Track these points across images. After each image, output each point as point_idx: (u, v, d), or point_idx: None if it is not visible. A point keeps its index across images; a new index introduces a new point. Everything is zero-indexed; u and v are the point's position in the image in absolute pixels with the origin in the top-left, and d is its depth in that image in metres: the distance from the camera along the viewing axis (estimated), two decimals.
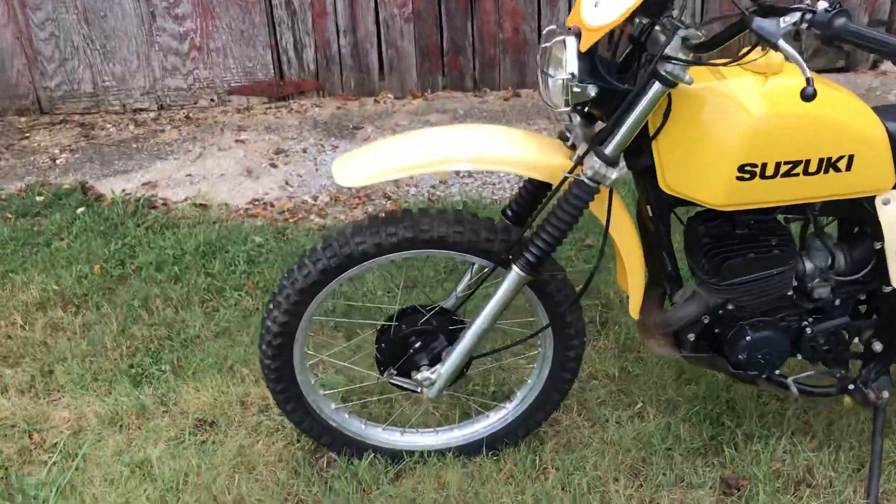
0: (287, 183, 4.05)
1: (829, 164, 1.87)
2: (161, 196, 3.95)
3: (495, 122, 4.37)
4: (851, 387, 2.21)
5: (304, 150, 4.35)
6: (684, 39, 1.74)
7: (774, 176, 1.86)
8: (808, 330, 2.17)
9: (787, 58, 1.53)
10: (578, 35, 1.80)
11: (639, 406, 2.50)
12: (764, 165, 1.84)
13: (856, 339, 2.20)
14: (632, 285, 2.08)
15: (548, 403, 2.29)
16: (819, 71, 4.83)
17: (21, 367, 2.75)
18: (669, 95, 1.82)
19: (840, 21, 1.52)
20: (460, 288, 2.23)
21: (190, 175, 4.13)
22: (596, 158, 1.86)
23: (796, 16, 1.56)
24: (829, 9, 1.53)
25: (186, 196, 3.92)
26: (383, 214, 2.01)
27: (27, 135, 4.61)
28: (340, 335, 2.82)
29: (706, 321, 2.15)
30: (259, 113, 4.75)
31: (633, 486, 2.25)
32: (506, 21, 4.72)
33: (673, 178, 1.91)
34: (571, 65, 1.78)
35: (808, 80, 1.50)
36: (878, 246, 2.04)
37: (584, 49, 1.77)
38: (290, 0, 4.60)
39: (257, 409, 2.53)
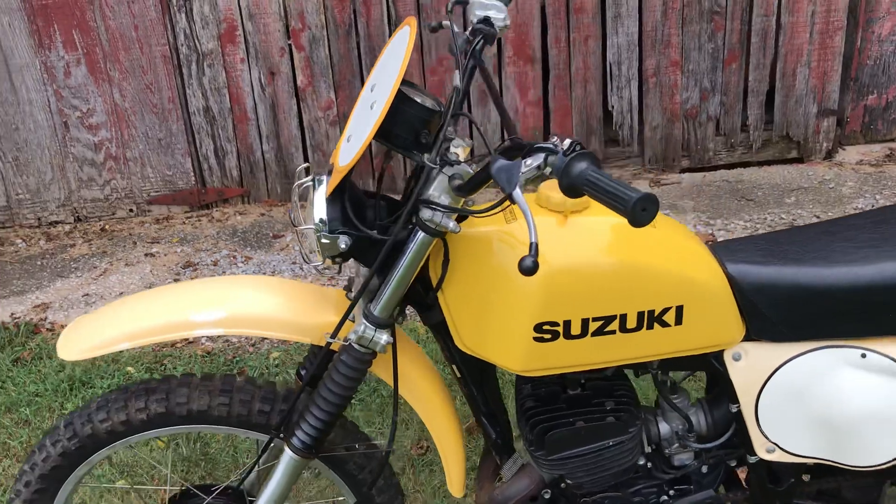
0: None
1: (652, 319, 1.54)
2: (50, 320, 3.68)
3: None
4: None
5: (215, 263, 4.08)
6: (451, 179, 1.44)
7: (583, 335, 1.53)
8: None
9: (523, 212, 1.22)
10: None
11: None
12: (567, 323, 1.52)
13: None
14: (445, 457, 1.74)
15: None
16: (768, 162, 4.53)
17: None
18: (446, 242, 1.52)
19: (578, 167, 1.21)
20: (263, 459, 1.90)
21: (87, 294, 3.86)
22: (362, 320, 1.55)
23: (539, 157, 1.26)
24: (567, 151, 1.22)
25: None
26: (141, 382, 1.70)
27: None
28: None
29: (547, 496, 1.80)
30: (179, 223, 4.51)
31: None
32: None
33: (467, 336, 1.59)
34: (319, 211, 1.48)
35: (531, 245, 1.19)
36: (734, 409, 1.69)
37: (328, 193, 1.48)
38: (208, 107, 4.41)
39: None
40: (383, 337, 1.54)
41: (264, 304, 1.62)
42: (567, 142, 1.25)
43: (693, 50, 4.34)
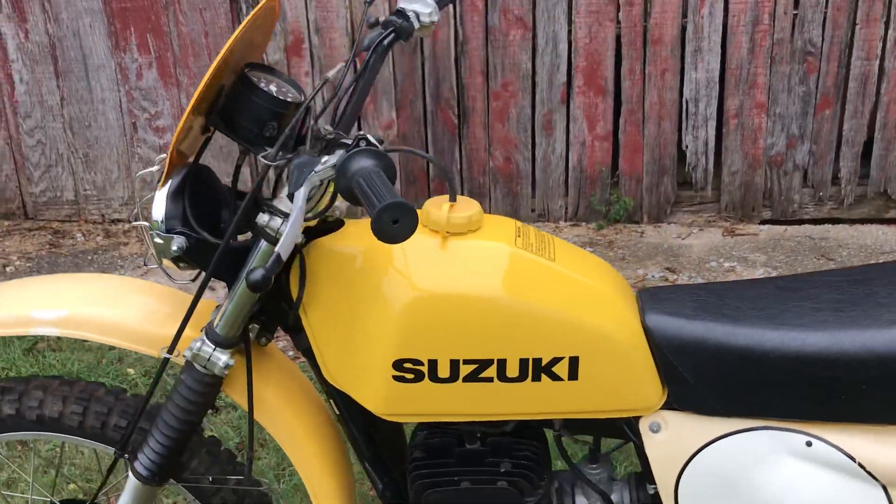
0: None
1: (539, 369, 1.29)
2: None
3: None
4: None
5: None
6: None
7: (453, 379, 1.29)
8: None
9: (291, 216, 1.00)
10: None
11: None
12: (433, 363, 1.29)
13: None
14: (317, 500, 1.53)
15: None
16: (861, 221, 4.07)
17: None
18: (302, 254, 1.32)
19: (358, 165, 0.99)
20: None
21: None
22: (202, 336, 1.37)
23: (337, 156, 1.05)
24: (350, 146, 1.00)
25: None
26: (2, 379, 1.58)
27: (2, 238, 4.54)
28: None
29: None
30: None
31: None
32: (496, 149, 4.28)
33: (333, 366, 1.38)
34: (158, 207, 1.32)
35: (276, 256, 0.97)
36: (651, 490, 1.40)
37: (161, 185, 1.31)
38: None
39: None
40: (222, 358, 1.35)
41: (112, 307, 1.47)
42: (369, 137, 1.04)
43: (781, 92, 3.96)
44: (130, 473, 1.46)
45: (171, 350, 1.38)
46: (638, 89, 4.07)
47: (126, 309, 1.47)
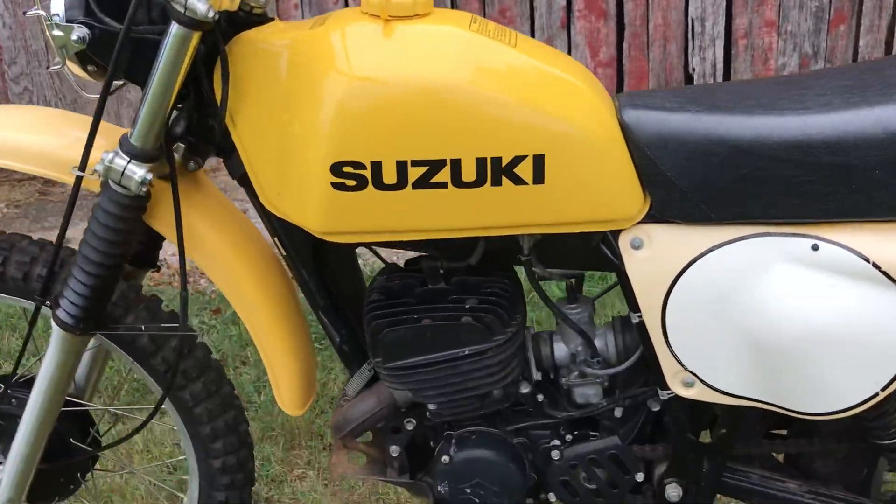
0: None
1: (499, 170, 1.12)
2: None
3: None
4: None
5: None
6: None
7: (401, 185, 1.12)
8: (557, 454, 1.35)
9: None
10: None
11: None
12: (376, 166, 1.12)
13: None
14: (267, 361, 1.37)
15: None
16: None
17: None
18: (221, 47, 1.16)
19: None
20: None
21: None
22: (117, 149, 1.21)
23: None
24: None
25: None
26: None
27: None
28: None
29: (410, 427, 1.40)
30: None
31: None
32: None
33: (269, 186, 1.21)
34: None
35: None
36: (636, 318, 1.22)
37: None
38: None
39: None
40: (138, 172, 1.18)
41: (31, 134, 1.32)
42: None
43: (792, 8, 3.75)
44: (53, 322, 1.31)
45: (81, 167, 1.22)
46: (641, 10, 3.88)
47: (46, 137, 1.32)
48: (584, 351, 1.32)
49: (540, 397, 1.36)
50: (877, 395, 1.14)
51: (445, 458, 1.34)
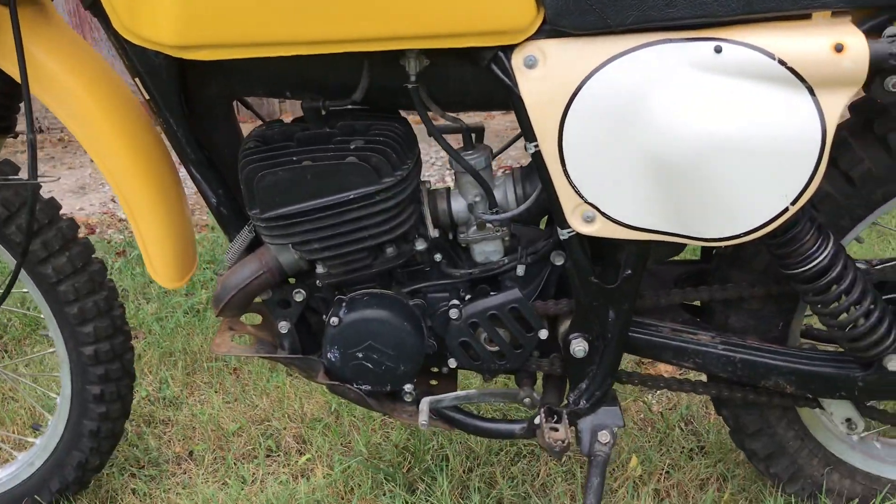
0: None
1: None
2: None
3: None
4: (544, 420, 1.25)
5: None
6: None
7: None
8: (456, 313, 1.25)
9: None
10: None
11: None
12: None
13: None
14: (130, 212, 1.24)
15: (82, 440, 1.45)
16: None
17: None
18: None
19: None
20: None
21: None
22: None
23: None
24: None
25: None
26: None
27: None
28: None
29: (300, 299, 1.28)
30: None
31: None
32: None
33: (121, 5, 1.08)
34: None
35: None
36: (532, 148, 1.12)
37: None
38: None
39: None
40: None
41: None
42: None
43: None
44: None
45: None
46: None
47: None
48: (483, 203, 1.22)
49: (438, 256, 1.26)
50: (787, 209, 1.06)
51: (335, 321, 1.23)
